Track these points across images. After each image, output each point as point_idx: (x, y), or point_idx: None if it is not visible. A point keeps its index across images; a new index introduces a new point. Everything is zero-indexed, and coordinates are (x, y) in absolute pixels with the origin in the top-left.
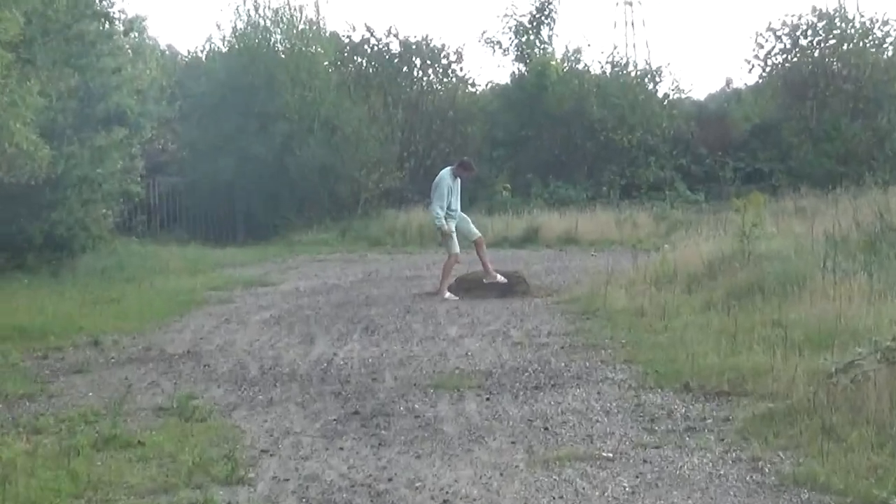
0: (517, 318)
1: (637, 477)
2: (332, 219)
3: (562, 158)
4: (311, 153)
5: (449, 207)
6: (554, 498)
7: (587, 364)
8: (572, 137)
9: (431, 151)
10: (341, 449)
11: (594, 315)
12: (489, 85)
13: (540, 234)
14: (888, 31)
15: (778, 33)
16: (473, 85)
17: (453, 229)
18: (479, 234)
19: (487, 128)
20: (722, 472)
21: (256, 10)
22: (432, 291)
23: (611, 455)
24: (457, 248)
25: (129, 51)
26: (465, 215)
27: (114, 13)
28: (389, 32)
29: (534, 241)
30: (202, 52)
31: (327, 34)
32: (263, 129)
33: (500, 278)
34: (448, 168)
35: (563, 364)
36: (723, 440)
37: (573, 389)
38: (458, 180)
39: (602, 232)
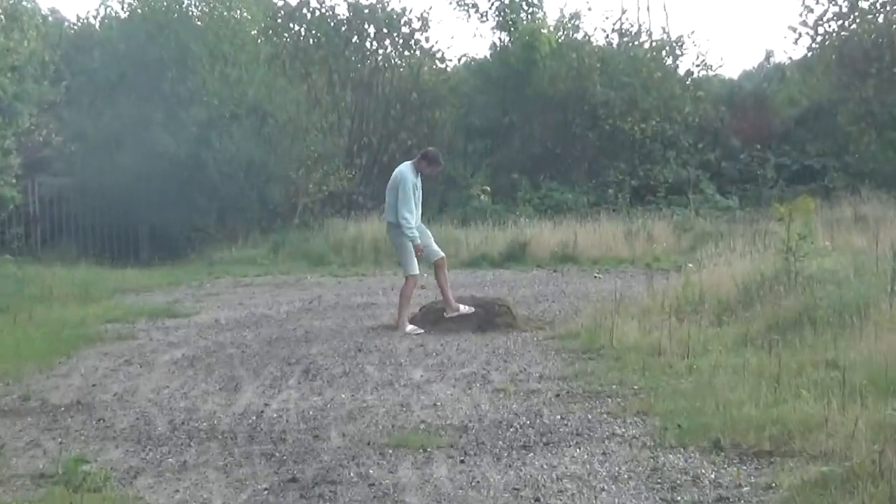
0: (500, 358)
1: None
2: (261, 231)
3: (556, 153)
4: (234, 147)
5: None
6: None
7: (589, 416)
8: (569, 126)
9: (389, 144)
10: None
11: (598, 354)
12: (463, 60)
13: (529, 249)
14: None
15: None
16: (443, 60)
17: (418, 244)
18: (442, 254)
19: (461, 114)
20: None
21: None
22: (391, 324)
23: None
24: (415, 269)
25: (1, 17)
26: (424, 227)
27: None
28: None
29: (520, 260)
30: (95, 18)
31: None
32: (174, 117)
33: (465, 309)
34: (407, 163)
35: (558, 416)
36: None
37: (571, 449)
38: (420, 178)
39: (608, 247)
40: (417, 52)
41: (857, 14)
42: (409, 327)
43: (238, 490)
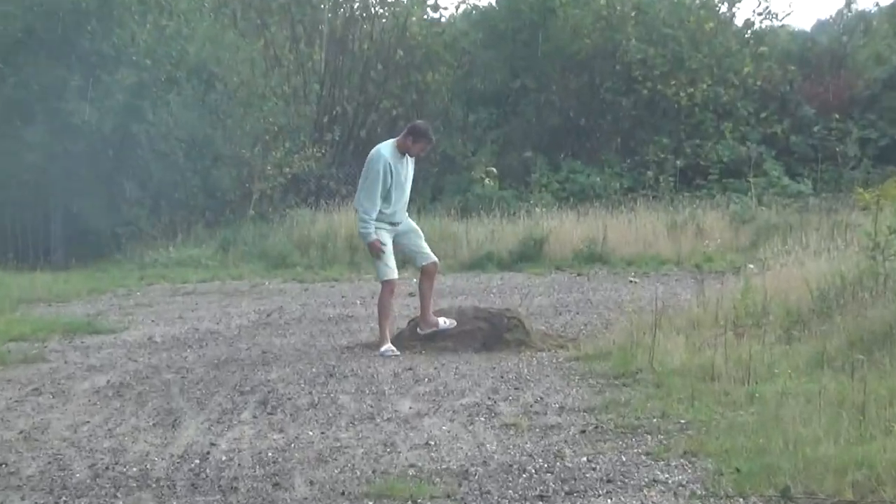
0: (510, 385)
1: None
2: (207, 225)
3: (580, 124)
4: (172, 119)
5: (387, 205)
6: None
7: (623, 458)
8: (597, 91)
9: (368, 115)
10: None
11: (634, 378)
12: (462, 8)
13: (547, 248)
14: None
15: None
16: (436, 8)
17: (388, 243)
18: (434, 259)
19: (460, 76)
20: None
21: None
22: (371, 342)
23: None
24: (392, 273)
25: None
26: (414, 224)
27: None
28: None
29: (536, 260)
30: None
31: None
32: (96, 82)
33: (444, 323)
34: (389, 142)
35: (584, 459)
36: None
37: (601, 500)
38: (408, 160)
39: (646, 244)
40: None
41: None
42: (385, 347)
43: None
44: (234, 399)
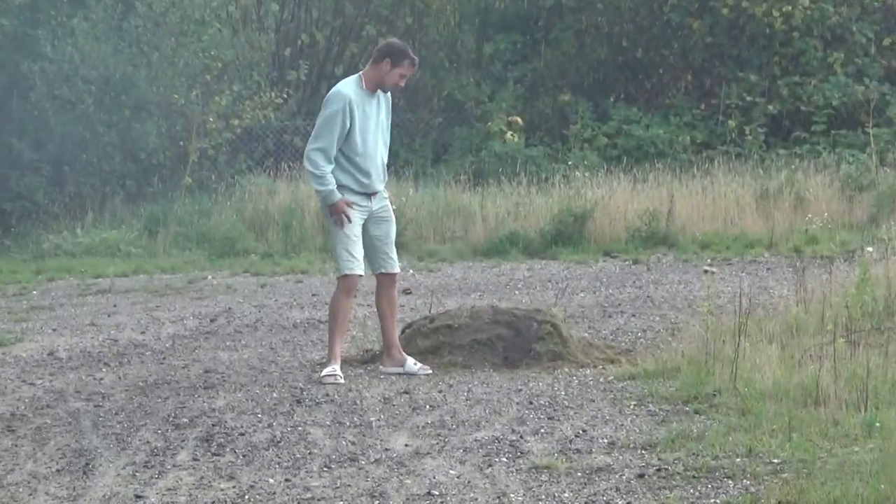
0: (541, 413)
1: None
2: (127, 198)
3: (636, 57)
4: (78, 53)
5: (352, 156)
6: None
7: None
8: (659, 11)
9: (345, 46)
10: None
11: (711, 404)
12: None
13: (591, 226)
14: None
15: None
16: None
17: (357, 225)
18: (395, 269)
19: None
20: None
21: None
22: (353, 357)
23: None
24: (356, 266)
25: None
26: (389, 206)
27: None
28: None
29: (577, 244)
30: None
31: None
32: None
33: (415, 367)
34: (351, 77)
35: None
36: None
37: None
38: (381, 100)
39: (727, 221)
40: None
41: None
42: (330, 368)
43: None
44: (166, 435)
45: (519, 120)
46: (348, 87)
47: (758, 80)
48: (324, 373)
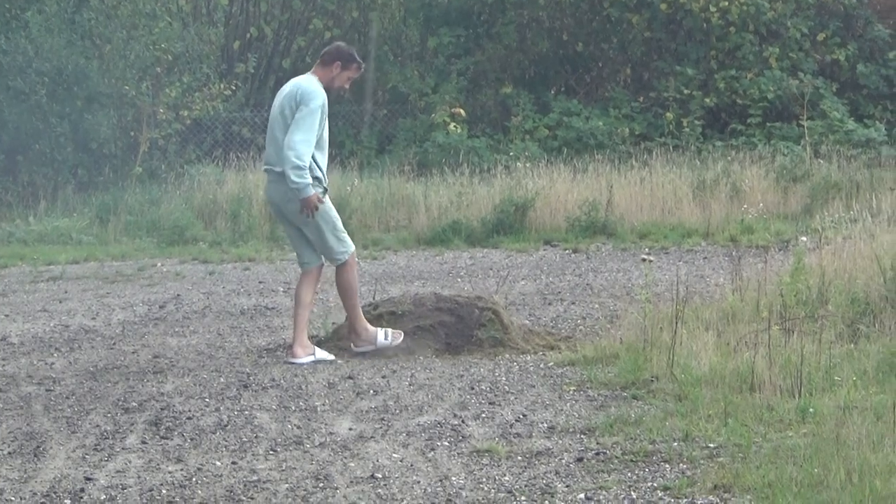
0: (482, 398)
1: None
2: (79, 187)
3: (576, 50)
4: (31, 46)
5: (321, 156)
6: None
7: (634, 495)
8: (599, 6)
9: (294, 40)
10: None
11: (649, 390)
12: None
13: (532, 216)
14: None
15: None
16: None
17: (314, 194)
18: (320, 261)
19: None
20: None
21: None
22: (319, 337)
23: None
24: (348, 246)
25: None
26: (328, 202)
27: None
28: None
29: (518, 232)
30: None
31: None
32: None
33: (386, 341)
34: (308, 76)
35: (581, 496)
36: None
37: None
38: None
39: (665, 210)
40: None
41: None
42: (310, 354)
43: None
44: (116, 419)
45: (462, 111)
46: (313, 83)
47: (695, 73)
48: (301, 359)
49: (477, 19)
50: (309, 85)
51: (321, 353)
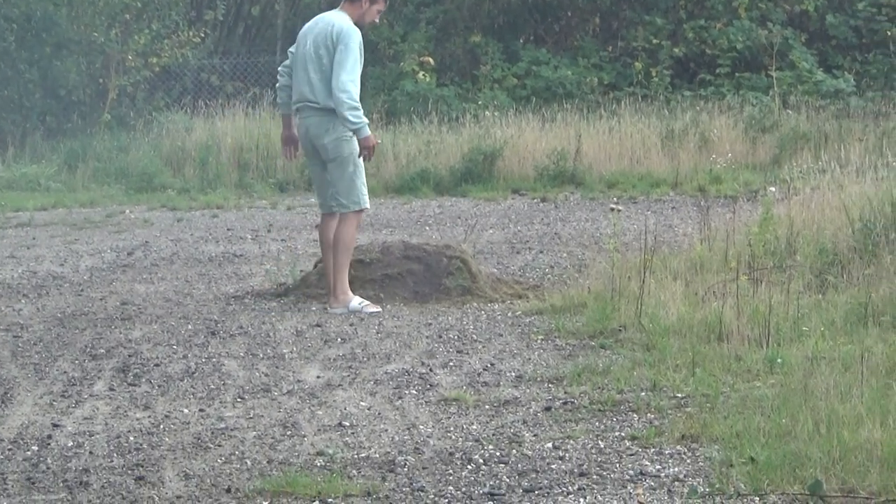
0: (450, 346)
1: None
2: (47, 134)
3: (544, 0)
4: None
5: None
6: None
7: (601, 445)
8: None
9: None
10: None
11: (616, 339)
12: None
13: (500, 165)
14: None
15: None
16: None
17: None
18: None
19: None
20: None
21: None
22: (267, 290)
23: None
24: (365, 198)
25: None
26: None
27: None
28: None
29: (487, 181)
30: None
31: None
32: None
33: (360, 305)
34: (335, 12)
35: (549, 445)
36: None
37: (574, 499)
38: None
39: (633, 160)
40: None
41: None
42: (358, 301)
43: None
44: (83, 365)
45: (430, 60)
46: (348, 21)
47: (664, 23)
48: (355, 305)
49: None
50: (343, 23)
51: (359, 304)
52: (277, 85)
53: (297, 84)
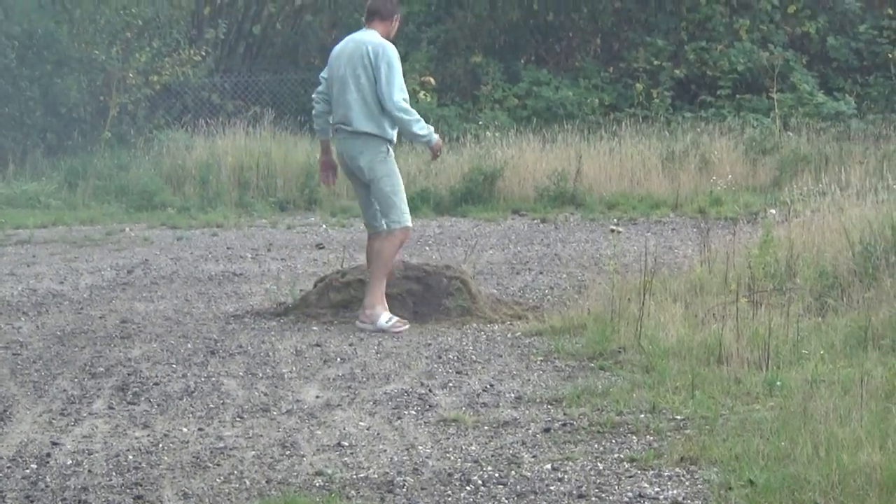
0: (449, 367)
1: None
2: (48, 151)
3: (546, 20)
4: (1, 10)
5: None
6: None
7: (600, 466)
8: None
9: (264, 6)
10: None
11: (615, 361)
12: None
13: (501, 185)
14: None
15: None
16: None
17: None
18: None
19: None
20: None
21: None
22: (267, 309)
23: None
24: (408, 216)
25: None
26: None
27: None
28: None
29: (487, 202)
30: None
31: None
32: None
33: (390, 324)
34: (368, 31)
35: (548, 467)
36: None
37: None
38: None
39: (634, 182)
40: None
41: None
42: (385, 318)
43: None
44: (83, 384)
45: (432, 80)
46: (384, 39)
47: (665, 44)
48: (390, 323)
49: None
50: (377, 40)
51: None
52: (314, 112)
53: (336, 107)
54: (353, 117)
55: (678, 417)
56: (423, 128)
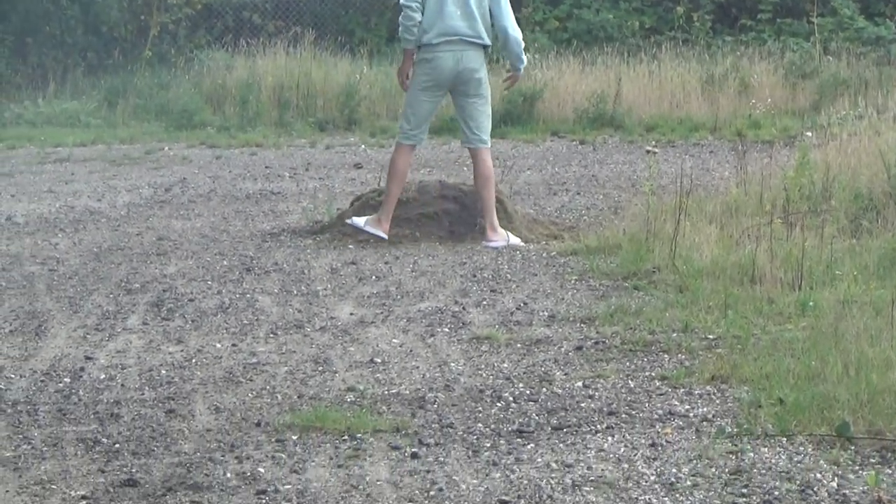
0: (484, 286)
1: None
2: (88, 70)
3: None
4: None
5: None
6: None
7: (632, 384)
8: None
9: None
10: None
11: (650, 280)
12: None
13: (540, 107)
14: None
15: None
16: None
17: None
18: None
19: None
20: None
21: None
22: (302, 227)
23: None
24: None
25: None
26: None
27: None
28: None
29: (526, 123)
30: None
31: None
32: None
33: (508, 239)
34: None
35: (579, 384)
36: None
37: (600, 438)
38: None
39: (672, 104)
40: None
41: None
42: (501, 236)
43: (38, 499)
44: (118, 299)
45: None
46: None
47: None
48: (505, 241)
49: None
50: None
51: (513, 239)
52: (410, 23)
53: (446, 18)
54: (480, 29)
55: (710, 337)
56: (523, 58)
